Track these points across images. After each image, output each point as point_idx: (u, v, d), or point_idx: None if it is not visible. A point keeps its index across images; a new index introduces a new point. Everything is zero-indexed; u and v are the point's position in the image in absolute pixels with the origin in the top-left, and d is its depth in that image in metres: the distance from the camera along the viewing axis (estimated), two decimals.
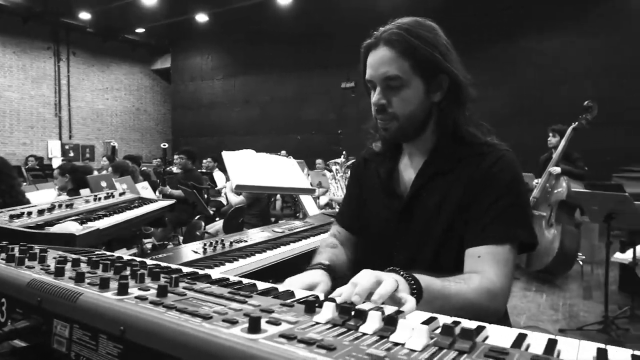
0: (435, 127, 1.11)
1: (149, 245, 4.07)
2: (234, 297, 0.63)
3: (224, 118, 15.41)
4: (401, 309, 0.67)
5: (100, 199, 2.12)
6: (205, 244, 2.01)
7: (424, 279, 0.86)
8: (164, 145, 5.75)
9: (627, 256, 3.96)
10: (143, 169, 8.73)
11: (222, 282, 0.81)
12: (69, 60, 14.97)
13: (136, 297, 0.61)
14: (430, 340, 0.48)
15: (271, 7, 12.54)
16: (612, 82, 9.13)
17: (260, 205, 4.68)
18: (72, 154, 14.48)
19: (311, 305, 0.59)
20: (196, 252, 1.90)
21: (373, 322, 0.52)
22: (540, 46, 9.97)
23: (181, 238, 5.11)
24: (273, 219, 5.71)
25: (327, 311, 0.56)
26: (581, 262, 5.21)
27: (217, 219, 5.51)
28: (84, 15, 13.59)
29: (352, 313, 0.55)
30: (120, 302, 0.59)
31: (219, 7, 12.95)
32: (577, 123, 5.09)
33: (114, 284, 0.65)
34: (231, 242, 2.09)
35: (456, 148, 1.09)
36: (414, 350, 0.46)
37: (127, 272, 0.74)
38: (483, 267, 0.98)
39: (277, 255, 1.94)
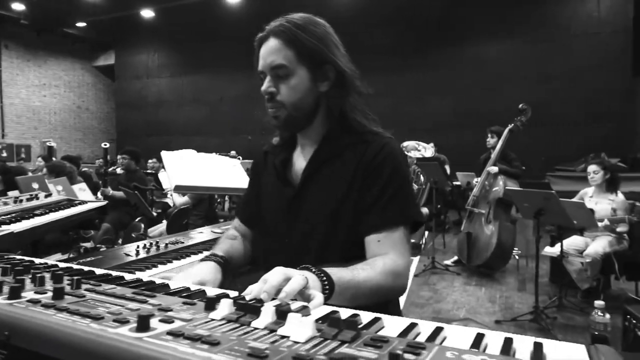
0: (324, 117, 1.15)
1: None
2: (135, 297, 0.63)
3: (171, 117, 15.01)
4: (307, 305, 0.69)
5: (22, 200, 2.01)
6: (139, 246, 1.96)
7: (335, 272, 0.90)
8: (105, 145, 5.50)
9: (555, 250, 4.23)
10: (84, 169, 8.36)
11: (133, 283, 0.79)
12: (0, 54, 14.07)
13: (28, 301, 0.59)
14: (317, 332, 0.50)
15: (220, 4, 12.35)
16: (545, 87, 9.71)
17: (205, 206, 4.60)
18: (5, 154, 13.61)
19: (211, 303, 0.59)
20: (129, 255, 1.85)
21: (265, 317, 0.53)
22: (480, 53, 10.43)
23: (121, 241, 4.94)
24: (221, 220, 5.63)
25: (224, 308, 0.57)
26: (517, 257, 5.50)
27: (163, 220, 5.37)
28: (17, 6, 12.82)
29: (248, 309, 0.56)
30: (8, 307, 0.57)
31: (165, 3, 12.61)
32: (512, 125, 5.35)
33: (7, 289, 0.63)
34: (166, 244, 2.05)
35: (344, 136, 1.14)
36: (297, 342, 0.47)
37: (27, 276, 0.71)
38: (384, 250, 1.05)
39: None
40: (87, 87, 16.68)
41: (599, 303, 1.87)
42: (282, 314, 0.53)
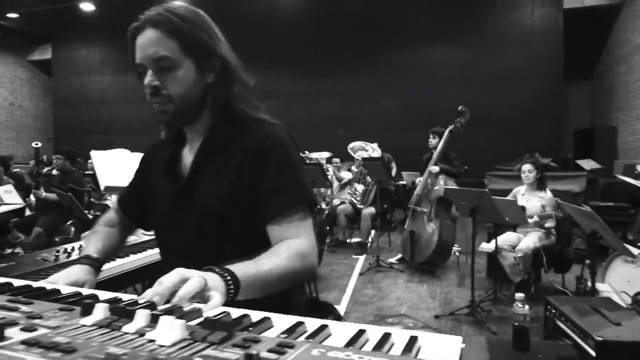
0: (211, 108, 1.14)
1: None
2: (6, 305, 0.59)
3: (114, 116, 14.42)
4: (199, 307, 0.67)
5: None
6: (59, 251, 1.86)
7: (239, 269, 0.88)
8: (36, 144, 5.20)
9: (491, 246, 4.42)
10: (15, 170, 7.87)
11: (18, 290, 0.74)
12: None
13: None
14: (187, 335, 0.49)
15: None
16: (485, 90, 10.15)
17: None
18: None
19: (88, 308, 0.56)
20: (46, 260, 1.75)
21: (138, 321, 0.51)
22: (427, 56, 10.76)
23: None
24: None
25: (99, 313, 0.54)
26: (457, 253, 5.70)
27: None
28: None
29: (122, 313, 0.54)
30: None
31: None
32: (452, 126, 5.52)
33: None
34: None
35: (230, 126, 1.13)
36: (162, 346, 0.46)
37: None
38: (287, 234, 1.04)
39: (139, 259, 1.85)
40: (21, 82, 15.71)
41: (519, 295, 1.96)
42: (155, 317, 0.52)
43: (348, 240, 6.79)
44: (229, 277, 0.84)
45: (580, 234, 6.24)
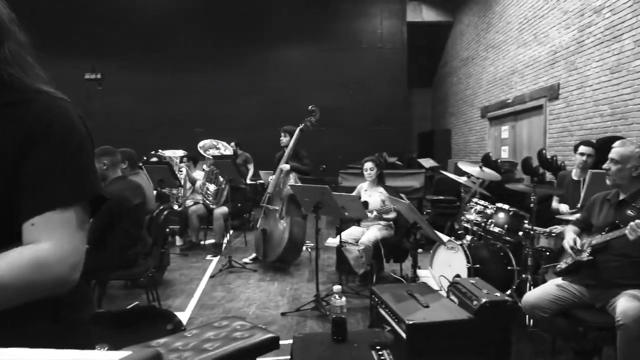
0: None
1: None
2: None
3: None
4: None
5: None
6: None
7: None
8: None
9: (336, 240, 4.59)
10: None
11: None
12: None
13: None
14: None
15: None
16: (341, 92, 10.68)
17: None
18: None
19: None
20: None
21: None
22: (286, 57, 10.92)
23: None
24: None
25: None
26: (309, 249, 5.83)
27: None
28: None
29: None
30: None
31: None
32: (303, 125, 5.62)
33: None
34: None
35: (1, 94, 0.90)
36: None
37: None
38: (36, 236, 0.83)
39: None
40: None
41: (336, 288, 2.00)
42: None
43: (202, 242, 6.53)
44: None
45: None
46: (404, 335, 1.99)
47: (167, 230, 4.08)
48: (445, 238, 3.28)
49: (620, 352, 2.19)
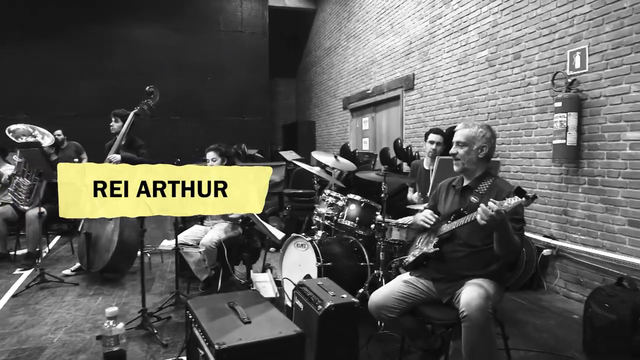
0: None
1: None
2: None
3: None
4: None
5: None
6: None
7: None
8: None
9: (172, 243, 4.03)
10: None
11: None
12: None
13: None
14: None
15: None
16: (199, 78, 9.94)
17: None
18: None
19: None
20: None
21: None
22: (132, 37, 9.76)
23: None
24: None
25: None
26: (149, 254, 5.15)
27: None
28: None
29: None
30: None
31: None
32: (138, 108, 4.98)
33: None
34: None
35: None
36: None
37: None
38: None
39: None
40: None
41: (110, 311, 1.51)
42: None
43: (12, 253, 5.41)
44: None
45: (276, 222, 6.57)
46: None
47: None
48: (280, 235, 2.95)
49: (466, 344, 2.06)
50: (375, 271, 3.42)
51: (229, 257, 4.01)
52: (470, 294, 2.11)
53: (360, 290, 3.35)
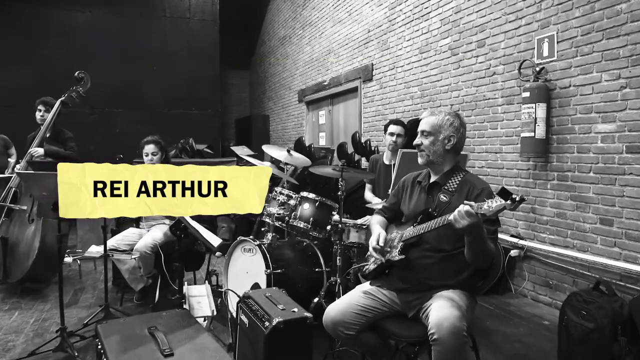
0: None
1: None
2: None
3: None
4: None
5: None
6: None
7: None
8: None
9: (100, 249, 3.59)
10: None
11: None
12: None
13: None
14: None
15: None
16: (143, 68, 9.33)
17: None
18: None
19: None
20: None
21: None
22: (67, 21, 9.03)
23: None
24: None
25: None
26: (78, 261, 4.67)
27: None
28: None
29: None
30: None
31: None
32: (65, 96, 4.50)
33: None
34: None
35: None
36: None
37: None
38: None
39: None
40: None
41: None
42: None
43: None
44: None
45: (225, 223, 6.18)
46: None
47: None
48: (217, 241, 2.60)
49: None
50: (332, 278, 3.12)
51: (168, 263, 3.62)
52: (441, 311, 1.84)
53: (316, 300, 3.04)
